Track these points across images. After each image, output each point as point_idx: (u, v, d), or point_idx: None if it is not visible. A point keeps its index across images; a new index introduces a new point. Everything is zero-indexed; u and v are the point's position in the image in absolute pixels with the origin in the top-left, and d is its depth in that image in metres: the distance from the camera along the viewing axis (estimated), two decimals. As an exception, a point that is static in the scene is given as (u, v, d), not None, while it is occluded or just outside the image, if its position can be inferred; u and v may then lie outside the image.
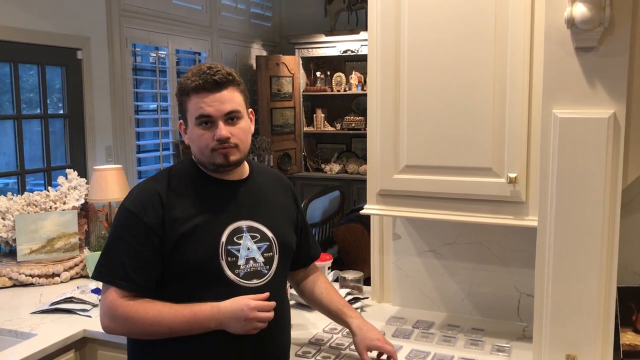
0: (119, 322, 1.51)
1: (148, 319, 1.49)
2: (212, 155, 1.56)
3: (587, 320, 1.61)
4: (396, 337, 1.99)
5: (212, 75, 1.53)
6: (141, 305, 1.50)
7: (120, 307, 1.50)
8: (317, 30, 6.49)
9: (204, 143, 1.55)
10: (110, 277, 1.52)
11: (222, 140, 1.53)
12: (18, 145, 3.92)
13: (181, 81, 1.58)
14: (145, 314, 1.49)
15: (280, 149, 6.55)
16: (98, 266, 1.55)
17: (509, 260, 2.11)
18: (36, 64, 4.08)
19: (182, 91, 1.57)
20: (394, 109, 1.93)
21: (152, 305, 1.50)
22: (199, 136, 1.55)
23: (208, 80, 1.53)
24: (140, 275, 1.51)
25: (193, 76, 1.55)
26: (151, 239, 1.51)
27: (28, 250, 2.61)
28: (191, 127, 1.57)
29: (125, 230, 1.54)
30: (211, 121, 1.54)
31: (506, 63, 1.76)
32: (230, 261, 1.54)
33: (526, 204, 1.79)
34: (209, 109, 1.53)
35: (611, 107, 1.55)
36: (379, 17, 1.92)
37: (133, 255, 1.51)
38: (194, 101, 1.54)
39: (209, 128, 1.54)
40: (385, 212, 2.02)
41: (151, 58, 5.28)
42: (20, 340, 2.00)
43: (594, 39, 1.53)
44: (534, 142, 1.75)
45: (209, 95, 1.53)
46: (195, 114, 1.54)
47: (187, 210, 1.55)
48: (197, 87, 1.53)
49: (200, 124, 1.55)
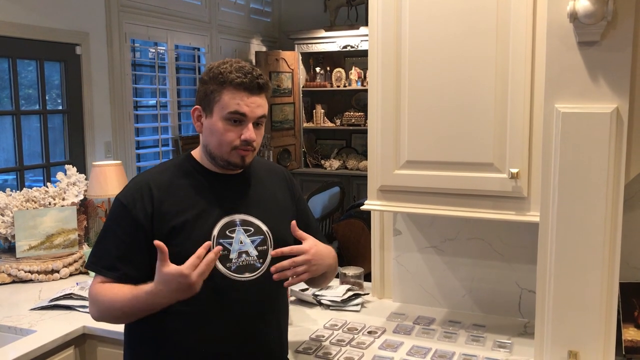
0: (92, 305, 1.58)
1: (105, 302, 1.54)
2: (230, 153, 1.57)
3: (589, 316, 1.61)
4: (397, 333, 1.99)
5: (256, 78, 1.54)
6: (105, 289, 1.54)
7: (94, 290, 1.56)
8: (316, 25, 6.47)
9: (228, 140, 1.55)
10: (98, 266, 1.57)
11: (249, 142, 1.55)
12: (17, 141, 3.92)
13: (220, 70, 1.55)
14: (104, 296, 1.53)
15: (280, 145, 6.54)
16: (90, 255, 1.61)
17: (510, 256, 2.11)
18: (35, 60, 4.07)
19: (217, 80, 1.54)
20: (394, 105, 1.92)
21: (111, 289, 1.53)
22: (225, 131, 1.55)
23: (253, 81, 1.54)
24: (127, 265, 1.54)
25: (237, 72, 1.53)
26: (138, 231, 1.54)
27: (27, 247, 2.60)
28: (216, 119, 1.55)
29: (115, 222, 1.58)
30: (242, 120, 1.54)
31: (508, 58, 1.75)
32: (222, 255, 1.54)
33: (528, 200, 1.78)
34: (246, 109, 1.54)
35: (614, 101, 1.54)
36: (380, 12, 1.91)
37: (120, 246, 1.55)
38: (230, 95, 1.53)
39: (237, 126, 1.55)
40: (386, 208, 2.01)
41: (150, 54, 5.27)
42: (19, 336, 2.00)
43: (597, 33, 1.52)
44: (536, 137, 1.74)
45: (250, 96, 1.54)
46: (229, 108, 1.53)
47: (179, 203, 1.57)
48: (242, 84, 1.53)
49: (231, 119, 1.54)
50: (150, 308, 1.49)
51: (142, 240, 1.53)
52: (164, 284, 1.44)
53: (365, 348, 1.86)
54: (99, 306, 1.56)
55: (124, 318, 1.58)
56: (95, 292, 1.55)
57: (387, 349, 1.87)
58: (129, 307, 1.51)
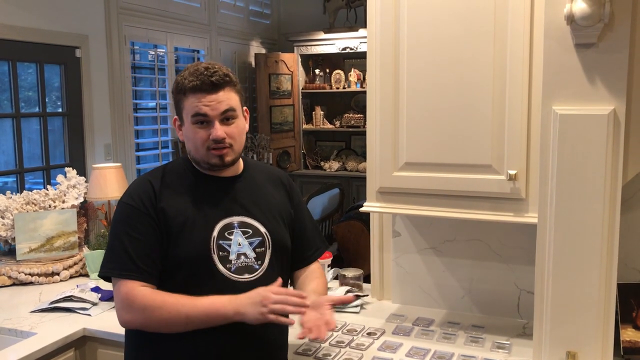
0: (137, 312, 1.51)
1: (166, 307, 1.49)
2: (207, 154, 1.59)
3: (588, 317, 1.61)
4: (396, 335, 1.99)
5: (209, 77, 1.55)
6: (158, 295, 1.52)
7: (138, 296, 1.51)
8: (315, 27, 6.48)
9: (200, 141, 1.58)
10: (119, 271, 1.54)
11: (218, 140, 1.56)
12: (17, 144, 3.92)
13: (178, 80, 1.60)
14: (162, 302, 1.50)
15: (280, 147, 6.54)
16: (105, 263, 1.58)
17: (509, 257, 2.11)
18: (35, 62, 4.07)
19: (178, 90, 1.59)
20: (393, 106, 1.92)
21: (169, 295, 1.52)
22: (195, 134, 1.58)
23: (205, 81, 1.55)
24: (147, 263, 1.54)
25: (190, 76, 1.56)
26: (151, 226, 1.55)
27: (27, 249, 2.60)
28: (187, 125, 1.60)
29: (125, 223, 1.57)
30: (207, 120, 1.57)
31: (506, 60, 1.76)
32: (222, 256, 1.56)
33: (526, 201, 1.78)
34: (206, 109, 1.56)
35: (611, 103, 1.54)
36: (379, 14, 1.92)
37: (137, 245, 1.54)
38: (190, 100, 1.57)
39: (205, 127, 1.57)
40: (385, 210, 2.01)
41: (150, 56, 5.27)
42: (20, 339, 2.00)
43: (594, 35, 1.53)
44: (534, 139, 1.74)
45: (205, 95, 1.56)
46: (191, 112, 1.57)
47: (178, 206, 1.58)
48: (194, 87, 1.55)
49: (196, 122, 1.57)
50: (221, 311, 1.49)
51: (157, 236, 1.55)
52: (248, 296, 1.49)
53: (364, 349, 1.87)
54: (153, 312, 1.49)
55: (181, 325, 1.51)
56: (142, 299, 1.50)
57: (387, 350, 1.87)
58: (201, 312, 1.49)
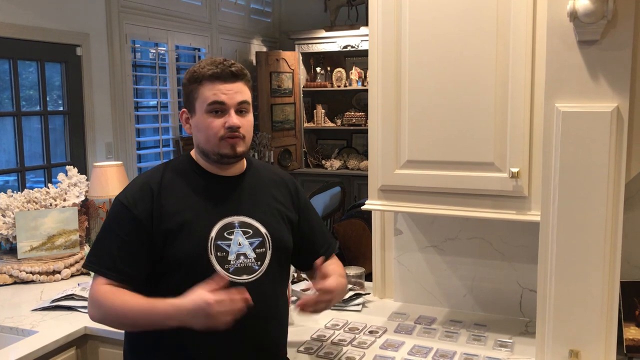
0: (95, 308, 1.55)
1: (114, 307, 1.51)
2: (219, 143, 1.57)
3: (590, 315, 1.61)
4: (398, 333, 1.99)
5: (229, 67, 1.57)
6: (114, 294, 1.52)
7: (97, 292, 1.53)
8: (317, 25, 6.47)
9: (214, 130, 1.57)
10: (98, 266, 1.56)
11: (233, 128, 1.56)
12: (18, 143, 3.92)
13: (194, 69, 1.60)
14: (113, 301, 1.51)
15: (281, 145, 6.53)
16: (89, 255, 1.60)
17: (511, 255, 2.10)
18: (35, 61, 4.07)
19: (194, 79, 1.59)
20: (395, 104, 1.92)
21: (122, 295, 1.51)
22: (209, 123, 1.57)
23: (225, 70, 1.57)
24: (128, 265, 1.54)
25: (209, 65, 1.57)
26: (139, 231, 1.54)
27: (28, 248, 2.60)
28: (200, 115, 1.58)
29: (115, 222, 1.58)
30: (223, 109, 1.57)
31: (508, 57, 1.75)
32: (220, 256, 1.55)
33: (528, 199, 1.78)
34: (224, 97, 1.56)
35: (614, 100, 1.54)
36: (380, 12, 1.91)
37: (121, 246, 1.54)
38: (207, 88, 1.56)
39: (220, 116, 1.57)
40: (387, 208, 2.01)
41: (151, 54, 5.27)
42: (21, 337, 2.00)
43: (597, 32, 1.52)
44: (537, 137, 1.74)
45: (224, 84, 1.56)
46: (208, 100, 1.56)
47: (178, 204, 1.57)
48: (214, 75, 1.56)
49: (212, 111, 1.56)
50: (164, 321, 1.46)
51: (143, 240, 1.53)
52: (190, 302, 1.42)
53: (366, 348, 1.87)
54: (105, 310, 1.53)
55: (130, 326, 1.57)
56: (101, 295, 1.53)
57: (389, 348, 1.87)
58: (142, 316, 1.49)
